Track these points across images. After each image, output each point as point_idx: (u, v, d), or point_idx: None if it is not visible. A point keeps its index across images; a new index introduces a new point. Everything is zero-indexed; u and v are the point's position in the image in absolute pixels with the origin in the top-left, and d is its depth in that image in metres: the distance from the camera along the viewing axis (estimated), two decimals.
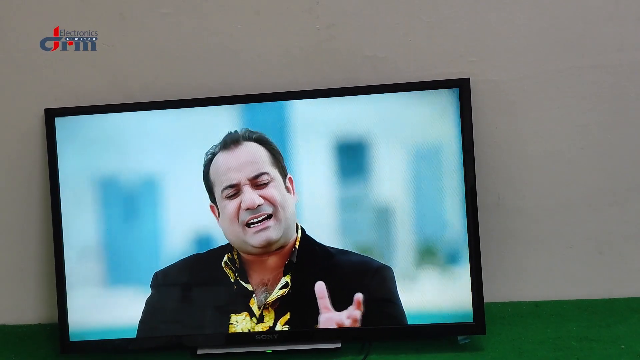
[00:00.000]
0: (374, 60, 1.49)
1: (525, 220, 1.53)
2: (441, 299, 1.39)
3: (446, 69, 1.47)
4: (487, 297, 1.42)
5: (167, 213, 1.42)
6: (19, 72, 1.54)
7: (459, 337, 1.41)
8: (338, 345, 1.39)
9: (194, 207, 1.39)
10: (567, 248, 1.53)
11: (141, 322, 1.29)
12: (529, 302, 1.54)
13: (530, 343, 1.39)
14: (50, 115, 1.47)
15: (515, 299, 1.55)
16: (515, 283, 1.55)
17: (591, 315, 1.48)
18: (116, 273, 1.44)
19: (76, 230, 1.46)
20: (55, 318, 1.48)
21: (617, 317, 1.47)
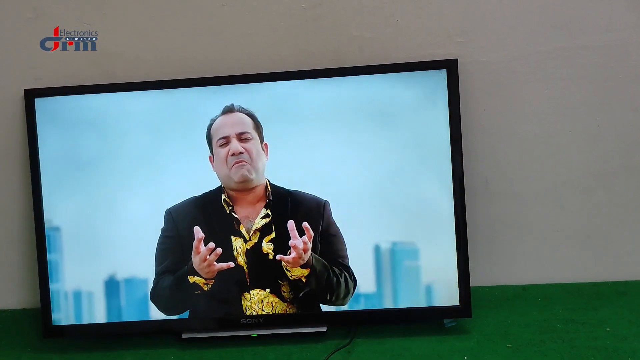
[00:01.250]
0: (361, 41, 1.46)
1: (513, 204, 1.52)
2: (428, 282, 1.38)
3: (434, 49, 1.46)
4: (475, 281, 1.42)
5: (149, 196, 1.41)
6: None
7: (445, 321, 1.40)
8: (324, 329, 1.39)
9: (175, 188, 1.40)
10: (554, 232, 1.53)
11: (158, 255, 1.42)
12: (516, 285, 1.54)
13: (516, 326, 1.39)
14: (30, 96, 1.44)
15: (502, 283, 1.55)
16: (503, 266, 1.54)
17: (578, 298, 1.48)
18: (98, 256, 1.42)
19: (58, 213, 1.43)
20: (38, 303, 1.46)
21: (603, 300, 1.47)
